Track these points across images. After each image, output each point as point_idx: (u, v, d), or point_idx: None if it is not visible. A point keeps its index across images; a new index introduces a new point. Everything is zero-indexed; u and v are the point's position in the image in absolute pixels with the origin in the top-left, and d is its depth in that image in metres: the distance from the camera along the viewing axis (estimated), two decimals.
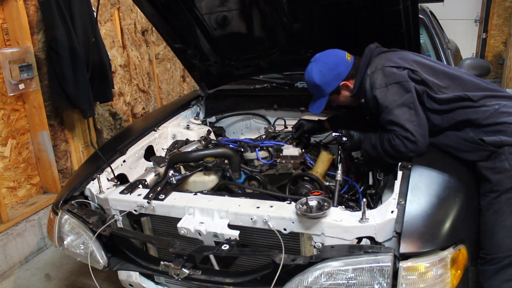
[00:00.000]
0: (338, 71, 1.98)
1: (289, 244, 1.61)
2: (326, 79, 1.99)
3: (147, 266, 1.77)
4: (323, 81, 1.99)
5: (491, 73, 4.41)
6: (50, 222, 1.96)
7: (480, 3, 7.15)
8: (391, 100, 1.76)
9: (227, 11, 2.45)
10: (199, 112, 2.85)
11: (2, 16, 2.92)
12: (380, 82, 1.80)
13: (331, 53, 2.03)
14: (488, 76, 3.11)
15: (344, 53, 2.01)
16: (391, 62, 1.83)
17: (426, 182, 1.64)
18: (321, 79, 1.99)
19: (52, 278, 2.85)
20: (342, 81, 1.99)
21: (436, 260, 1.39)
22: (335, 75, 1.98)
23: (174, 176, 1.92)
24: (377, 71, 1.83)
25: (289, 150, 2.17)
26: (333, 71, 1.98)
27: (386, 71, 1.81)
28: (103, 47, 3.40)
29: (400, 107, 1.75)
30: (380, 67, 1.83)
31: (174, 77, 4.96)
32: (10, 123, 3.04)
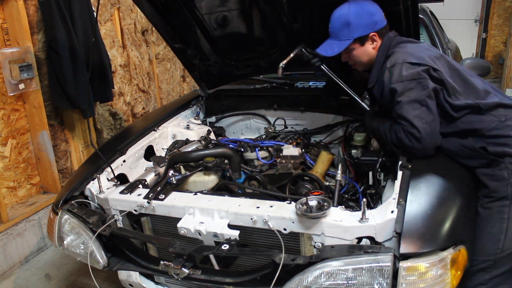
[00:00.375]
0: (376, 20, 1.90)
1: (289, 244, 1.61)
2: (362, 21, 1.89)
3: (147, 266, 1.77)
4: (357, 22, 1.88)
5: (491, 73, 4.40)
6: (50, 222, 1.96)
7: (480, 3, 7.15)
8: (405, 95, 1.74)
9: (227, 11, 2.45)
10: (199, 112, 2.85)
11: (2, 16, 2.92)
12: (398, 77, 1.76)
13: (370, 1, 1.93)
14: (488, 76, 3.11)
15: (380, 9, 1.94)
16: (413, 57, 1.78)
17: (426, 182, 1.64)
18: (356, 18, 1.88)
19: (52, 278, 2.85)
20: (373, 31, 1.91)
21: (436, 261, 1.39)
22: (371, 21, 1.90)
23: (174, 176, 1.92)
24: (397, 65, 1.78)
25: (289, 150, 2.17)
26: (372, 16, 1.90)
27: (405, 67, 1.76)
28: (103, 47, 3.40)
29: (411, 103, 1.73)
30: (400, 61, 1.78)
31: (174, 77, 4.96)
32: (10, 123, 3.04)
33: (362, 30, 1.90)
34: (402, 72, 1.76)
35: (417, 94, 1.72)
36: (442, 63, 1.80)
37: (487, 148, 1.70)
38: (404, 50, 1.84)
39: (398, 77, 1.77)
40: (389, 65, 1.82)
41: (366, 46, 1.95)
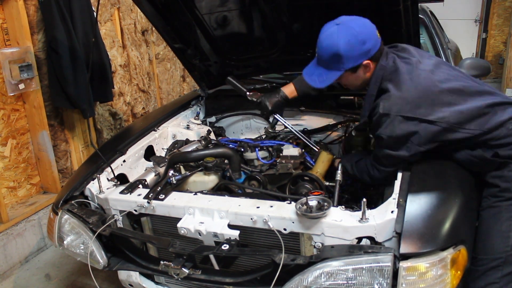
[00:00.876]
0: (368, 48, 1.68)
1: (289, 244, 1.61)
2: (353, 52, 1.68)
3: (147, 266, 1.77)
4: (348, 54, 1.67)
5: (491, 73, 4.40)
6: (50, 222, 1.97)
7: (480, 3, 7.15)
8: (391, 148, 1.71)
9: (227, 11, 2.45)
10: (199, 112, 2.85)
11: (2, 16, 2.92)
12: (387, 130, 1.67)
13: (363, 22, 1.72)
14: (488, 76, 3.12)
15: (375, 27, 1.73)
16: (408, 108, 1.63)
17: (426, 182, 1.64)
18: (347, 50, 1.67)
19: (52, 278, 2.85)
20: (366, 60, 1.70)
21: (436, 261, 1.39)
22: (363, 51, 1.68)
23: (174, 176, 1.92)
24: (390, 116, 1.64)
25: (289, 150, 2.17)
26: (363, 45, 1.67)
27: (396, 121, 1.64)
28: (103, 47, 3.40)
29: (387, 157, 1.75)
30: (394, 112, 1.64)
31: (174, 77, 4.96)
32: (10, 123, 3.04)
33: (353, 61, 1.70)
34: (395, 128, 1.65)
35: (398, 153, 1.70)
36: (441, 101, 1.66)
37: (499, 152, 1.68)
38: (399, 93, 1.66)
39: (388, 130, 1.67)
40: (381, 110, 1.67)
41: (358, 73, 1.76)
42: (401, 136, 1.66)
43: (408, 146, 1.68)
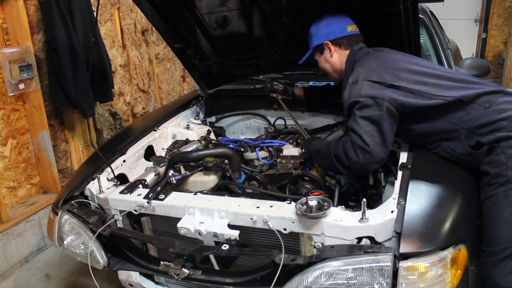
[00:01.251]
0: (330, 30, 2.02)
1: (289, 244, 1.61)
2: (319, 31, 2.06)
3: (147, 266, 1.77)
4: (315, 32, 2.07)
5: (491, 73, 4.40)
6: (50, 222, 1.96)
7: (480, 3, 7.16)
8: (362, 110, 1.75)
9: (227, 11, 2.45)
10: (199, 112, 2.85)
11: (2, 16, 2.92)
12: (356, 94, 1.78)
13: (340, 15, 2.06)
14: (488, 76, 3.11)
15: (349, 22, 2.04)
16: (374, 75, 1.80)
17: (426, 182, 1.64)
18: (314, 29, 2.08)
19: (52, 278, 2.85)
20: (327, 41, 2.02)
21: (436, 260, 1.39)
22: (325, 32, 2.03)
23: (174, 176, 1.92)
24: (358, 82, 1.81)
25: (289, 150, 2.17)
26: (326, 27, 2.03)
27: (365, 85, 1.78)
28: (103, 47, 3.40)
29: (364, 119, 1.74)
30: (361, 78, 1.81)
31: (174, 77, 4.96)
32: (10, 123, 3.04)
33: (318, 39, 2.06)
34: (362, 89, 1.77)
35: (372, 113, 1.73)
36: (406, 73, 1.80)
37: (481, 140, 1.69)
38: (366, 65, 1.87)
39: (357, 93, 1.78)
40: (350, 81, 1.86)
41: (324, 55, 2.07)
42: (370, 94, 1.75)
43: (379, 104, 1.73)
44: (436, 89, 1.76)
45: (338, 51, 2.03)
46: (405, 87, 1.76)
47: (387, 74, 1.79)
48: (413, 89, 1.76)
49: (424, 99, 1.75)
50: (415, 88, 1.76)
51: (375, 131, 1.73)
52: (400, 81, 1.77)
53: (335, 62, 2.05)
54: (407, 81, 1.78)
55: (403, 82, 1.77)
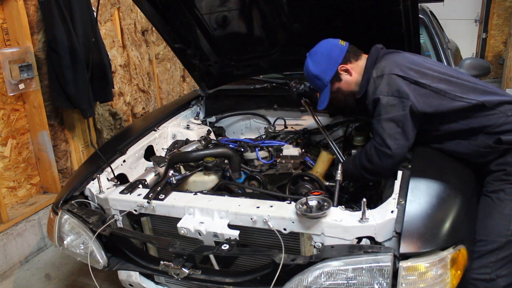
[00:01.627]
0: (332, 56, 1.93)
1: (289, 244, 1.61)
2: (322, 66, 1.94)
3: (147, 266, 1.77)
4: (319, 70, 1.94)
5: (491, 73, 4.40)
6: (50, 222, 1.97)
7: (480, 3, 7.15)
8: (385, 110, 1.73)
9: (227, 11, 2.45)
10: (199, 112, 2.85)
11: (2, 16, 2.92)
12: (382, 89, 1.75)
13: (322, 42, 1.99)
14: (488, 76, 3.12)
15: (336, 40, 1.97)
16: (400, 69, 1.76)
17: (426, 182, 1.64)
18: (317, 68, 1.95)
19: (52, 278, 2.85)
20: (339, 65, 1.93)
21: (436, 260, 1.39)
22: (330, 61, 1.93)
23: (174, 176, 1.92)
24: (384, 76, 1.77)
25: (289, 150, 2.17)
26: (327, 56, 1.93)
27: (392, 79, 1.75)
28: (103, 47, 3.40)
29: (389, 121, 1.72)
30: (387, 72, 1.77)
31: (174, 77, 4.96)
32: (10, 123, 3.04)
33: (328, 72, 1.94)
34: (388, 85, 1.74)
35: (396, 113, 1.71)
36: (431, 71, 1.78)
37: (501, 138, 1.68)
38: (391, 60, 1.84)
39: (382, 89, 1.75)
40: (375, 74, 1.82)
41: (345, 79, 1.95)
42: (396, 92, 1.72)
43: (404, 103, 1.71)
44: (460, 90, 1.74)
45: (352, 66, 1.94)
46: (429, 85, 1.74)
47: (412, 70, 1.77)
48: (437, 88, 1.73)
49: (448, 100, 1.73)
50: (439, 87, 1.74)
51: (399, 134, 1.72)
52: (425, 78, 1.75)
53: (355, 78, 1.95)
54: (432, 78, 1.76)
55: (428, 79, 1.75)
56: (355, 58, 1.94)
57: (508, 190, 1.68)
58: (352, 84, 1.96)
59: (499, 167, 1.72)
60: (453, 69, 1.93)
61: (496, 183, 1.72)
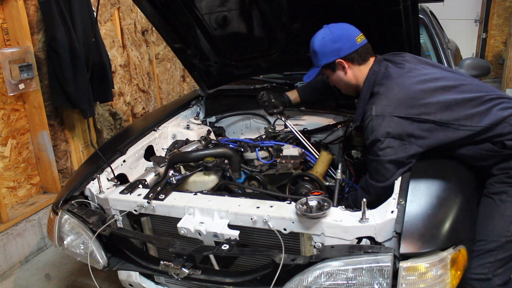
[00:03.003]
0: (339, 46, 1.84)
1: (289, 244, 1.61)
2: (325, 48, 1.86)
3: (147, 266, 1.77)
4: (321, 50, 1.87)
5: (491, 73, 4.40)
6: (50, 222, 1.96)
7: (480, 3, 7.15)
8: (384, 152, 1.69)
9: (227, 11, 2.45)
10: (199, 112, 2.85)
11: (2, 16, 2.92)
12: (382, 132, 1.68)
13: (343, 26, 1.89)
14: (488, 76, 3.12)
15: (356, 32, 1.87)
16: (402, 109, 1.68)
17: (426, 182, 1.64)
18: (320, 47, 1.87)
19: (52, 278, 2.85)
20: (339, 58, 1.86)
21: (436, 261, 1.39)
22: (334, 49, 1.85)
23: (174, 176, 1.92)
24: (385, 118, 1.68)
25: (289, 150, 2.17)
26: (334, 43, 1.84)
27: (392, 122, 1.67)
28: (103, 47, 3.40)
29: (390, 163, 1.68)
30: (387, 113, 1.68)
31: (174, 77, 4.96)
32: (10, 123, 3.04)
33: (326, 58, 1.87)
34: (389, 127, 1.68)
35: (397, 156, 1.67)
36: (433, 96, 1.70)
37: (505, 143, 1.68)
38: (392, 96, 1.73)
39: (383, 131, 1.68)
40: (374, 112, 1.71)
41: (337, 73, 1.91)
42: (397, 135, 1.67)
43: (406, 146, 1.68)
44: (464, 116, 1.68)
45: (352, 67, 1.87)
46: (432, 120, 1.68)
47: (414, 107, 1.69)
48: (440, 121, 1.68)
49: (453, 131, 1.69)
50: (442, 119, 1.68)
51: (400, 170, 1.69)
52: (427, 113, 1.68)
53: (350, 80, 1.90)
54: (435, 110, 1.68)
55: (430, 114, 1.68)
56: (359, 62, 1.87)
57: (510, 192, 1.68)
58: (342, 82, 1.94)
59: (502, 171, 1.71)
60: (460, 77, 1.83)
61: (498, 185, 1.72)
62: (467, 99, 1.72)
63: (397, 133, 1.67)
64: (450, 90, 1.74)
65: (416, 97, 1.71)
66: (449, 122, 1.69)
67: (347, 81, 1.92)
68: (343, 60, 1.86)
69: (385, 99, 1.73)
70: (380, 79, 1.81)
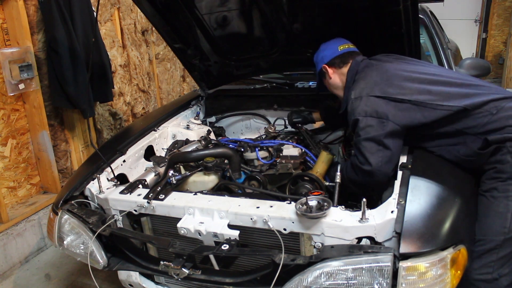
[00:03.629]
0: (323, 55, 2.12)
1: (289, 244, 1.61)
2: (316, 59, 2.18)
3: (147, 266, 1.77)
4: (315, 60, 2.19)
5: (491, 73, 4.41)
6: (50, 222, 1.96)
7: (480, 3, 7.16)
8: (364, 131, 1.76)
9: (227, 11, 2.45)
10: (199, 112, 2.85)
11: (2, 16, 2.92)
12: (360, 111, 1.79)
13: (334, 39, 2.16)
14: (488, 76, 3.12)
15: (340, 42, 2.11)
16: (379, 89, 1.80)
17: (426, 182, 1.64)
18: (316, 57, 2.18)
19: (52, 278, 2.85)
20: (323, 64, 2.10)
21: (436, 260, 1.39)
22: (320, 57, 2.14)
23: (174, 176, 1.92)
24: (362, 98, 1.81)
25: (289, 150, 2.17)
26: (321, 52, 2.15)
27: (369, 101, 1.79)
28: (103, 47, 3.40)
29: (368, 140, 1.75)
30: (365, 94, 1.81)
31: (174, 77, 4.96)
32: (10, 123, 3.04)
33: (318, 66, 2.16)
34: (366, 106, 1.78)
35: (375, 133, 1.74)
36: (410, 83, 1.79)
37: (488, 138, 1.68)
38: (369, 79, 1.87)
39: (361, 110, 1.79)
40: (353, 96, 1.86)
41: (327, 78, 2.14)
42: (374, 112, 1.75)
43: (384, 123, 1.74)
44: (441, 98, 1.74)
45: (335, 71, 2.08)
46: (408, 99, 1.75)
47: (390, 87, 1.79)
48: (416, 101, 1.75)
49: (429, 111, 1.74)
50: (418, 99, 1.75)
51: (380, 151, 1.74)
52: (403, 94, 1.77)
53: (335, 82, 2.10)
54: (411, 91, 1.77)
55: (406, 94, 1.76)
56: (340, 66, 2.06)
57: (500, 187, 1.68)
58: (332, 86, 2.14)
59: (491, 166, 1.72)
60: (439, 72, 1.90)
61: (489, 181, 1.72)
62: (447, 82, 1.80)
63: (374, 110, 1.76)
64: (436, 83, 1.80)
65: (392, 79, 1.83)
66: (425, 102, 1.75)
67: (333, 84, 2.11)
68: (326, 66, 2.10)
69: (363, 82, 1.89)
70: (361, 68, 1.97)
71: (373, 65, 1.95)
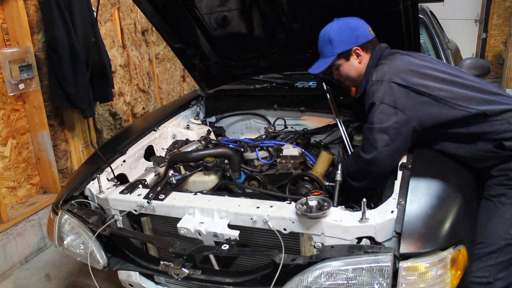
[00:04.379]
0: (358, 34, 1.91)
1: (289, 244, 1.61)
2: (343, 36, 1.90)
3: (147, 266, 1.77)
4: (338, 38, 1.91)
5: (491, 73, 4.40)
6: (50, 222, 1.96)
7: (480, 3, 7.15)
8: (379, 118, 1.72)
9: (227, 11, 2.45)
10: (199, 112, 2.85)
11: (2, 16, 2.92)
12: (379, 96, 1.74)
13: (355, 18, 1.97)
14: (488, 76, 3.12)
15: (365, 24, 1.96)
16: (401, 77, 1.74)
17: (426, 182, 1.64)
18: (337, 35, 1.91)
19: (52, 278, 2.85)
20: (356, 46, 1.91)
21: (436, 261, 1.39)
22: (352, 36, 1.90)
23: (174, 176, 1.92)
24: (383, 82, 1.75)
25: (289, 150, 2.17)
26: (353, 31, 1.91)
27: (390, 88, 1.73)
28: (103, 47, 3.40)
29: (381, 132, 1.71)
30: (387, 79, 1.75)
31: (174, 77, 4.96)
32: (10, 123, 3.04)
33: (344, 45, 1.91)
34: (386, 93, 1.73)
35: (388, 124, 1.70)
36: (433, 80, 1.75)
37: (504, 143, 1.68)
38: (393, 64, 1.81)
39: (381, 95, 1.74)
40: (375, 78, 1.80)
41: (351, 61, 1.94)
42: (393, 101, 1.71)
43: (398, 114, 1.70)
44: (462, 98, 1.72)
45: (365, 56, 1.93)
46: (429, 94, 1.72)
47: (414, 77, 1.74)
48: (437, 96, 1.71)
49: (448, 109, 1.72)
50: (440, 95, 1.72)
51: (389, 144, 1.71)
52: (425, 86, 1.73)
53: (362, 68, 1.95)
54: (433, 87, 1.73)
55: (429, 88, 1.73)
56: (371, 50, 1.93)
57: (510, 194, 1.68)
58: (354, 70, 1.96)
59: (501, 173, 1.71)
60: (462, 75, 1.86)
61: (498, 187, 1.72)
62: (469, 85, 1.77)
63: (393, 100, 1.71)
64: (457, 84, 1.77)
65: (417, 69, 1.77)
66: (445, 99, 1.72)
67: (360, 69, 1.95)
68: (360, 48, 1.91)
69: (386, 66, 1.81)
70: (386, 55, 1.89)
71: (398, 53, 1.89)
